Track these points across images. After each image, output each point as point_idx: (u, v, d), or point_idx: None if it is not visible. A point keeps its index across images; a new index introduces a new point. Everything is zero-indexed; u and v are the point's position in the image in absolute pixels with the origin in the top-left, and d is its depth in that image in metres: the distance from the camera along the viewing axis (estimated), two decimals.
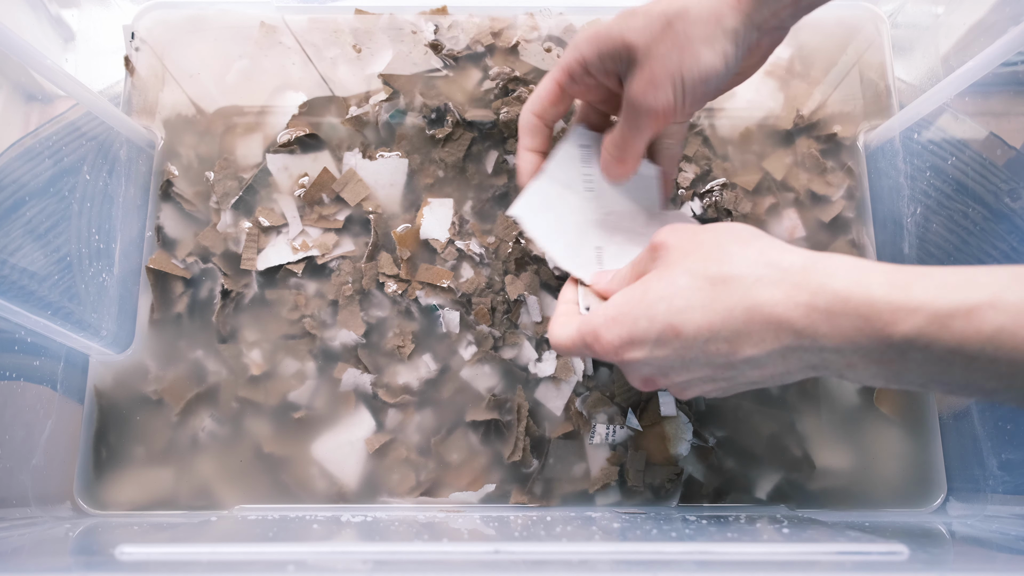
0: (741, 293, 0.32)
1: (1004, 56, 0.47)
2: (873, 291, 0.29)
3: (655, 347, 0.34)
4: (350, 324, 0.55)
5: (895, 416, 0.54)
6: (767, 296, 0.31)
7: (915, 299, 0.28)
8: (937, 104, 0.53)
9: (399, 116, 0.60)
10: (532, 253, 0.56)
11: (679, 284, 0.34)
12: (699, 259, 0.34)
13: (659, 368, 0.36)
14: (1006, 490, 0.49)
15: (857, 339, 0.29)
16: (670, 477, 0.52)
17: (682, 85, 0.39)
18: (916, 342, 0.28)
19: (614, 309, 0.36)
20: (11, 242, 0.48)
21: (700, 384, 0.37)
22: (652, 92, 0.39)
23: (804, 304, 0.30)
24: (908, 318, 0.28)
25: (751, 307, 0.31)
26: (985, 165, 0.52)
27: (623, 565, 0.36)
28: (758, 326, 0.31)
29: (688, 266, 0.34)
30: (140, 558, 0.35)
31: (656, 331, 0.34)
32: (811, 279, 0.31)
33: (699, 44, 0.38)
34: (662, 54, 0.38)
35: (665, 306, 0.34)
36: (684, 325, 0.33)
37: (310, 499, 0.52)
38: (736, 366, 0.33)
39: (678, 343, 0.33)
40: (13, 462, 0.47)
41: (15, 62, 0.48)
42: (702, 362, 0.34)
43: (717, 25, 0.38)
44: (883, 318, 0.29)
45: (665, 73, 0.39)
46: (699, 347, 0.33)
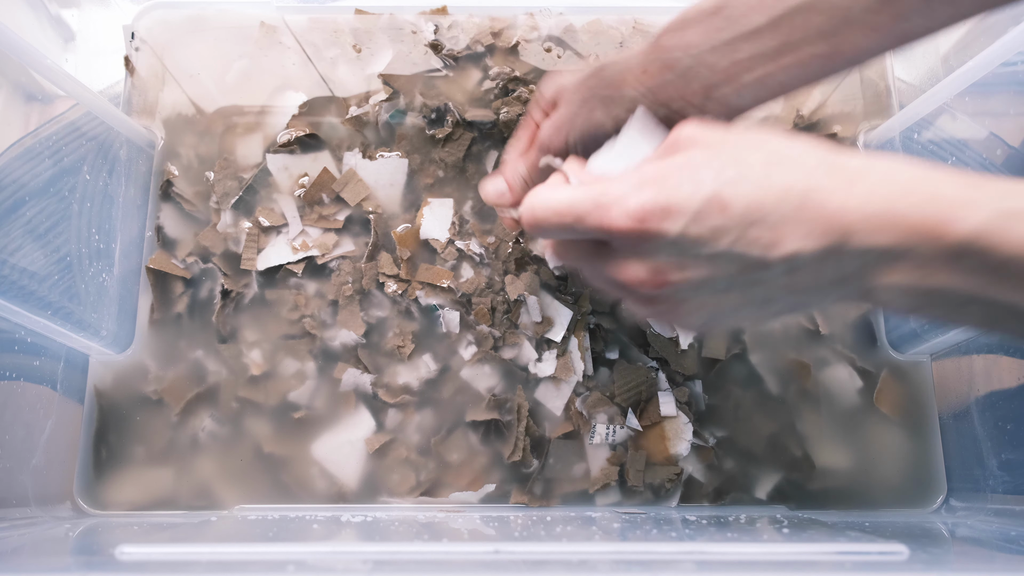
0: (800, 174, 0.28)
1: (1004, 56, 0.47)
2: (939, 185, 0.27)
3: (692, 221, 0.29)
4: (350, 324, 0.55)
5: (895, 416, 0.54)
6: (825, 183, 0.28)
7: (981, 197, 0.26)
8: (937, 104, 0.53)
9: (399, 116, 0.60)
10: (532, 253, 0.56)
11: (729, 155, 0.29)
12: (745, 142, 0.30)
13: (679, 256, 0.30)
14: (1006, 490, 0.49)
15: (909, 239, 0.27)
16: (670, 477, 0.52)
17: (572, 134, 0.41)
18: (975, 243, 0.26)
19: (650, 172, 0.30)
20: (11, 242, 0.48)
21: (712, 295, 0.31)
22: (551, 133, 0.42)
23: (862, 195, 0.28)
24: (972, 214, 0.26)
25: (808, 190, 0.28)
26: (985, 165, 0.52)
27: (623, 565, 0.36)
28: (810, 214, 0.28)
29: (735, 145, 0.30)
30: (140, 558, 0.35)
31: (700, 199, 0.28)
32: (873, 173, 0.28)
33: (596, 102, 0.40)
34: (570, 101, 0.41)
35: (713, 174, 0.29)
36: (734, 198, 0.28)
37: (310, 499, 0.52)
38: (769, 265, 0.29)
39: (720, 219, 0.29)
40: (13, 462, 0.47)
41: (15, 62, 0.48)
42: (734, 254, 0.29)
43: (616, 89, 0.39)
44: (945, 213, 0.26)
45: (563, 118, 0.41)
46: (741, 229, 0.29)
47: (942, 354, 0.55)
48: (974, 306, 0.28)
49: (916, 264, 0.27)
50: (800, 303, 0.31)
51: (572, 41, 0.62)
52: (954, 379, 0.54)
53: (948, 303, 0.28)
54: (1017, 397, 0.49)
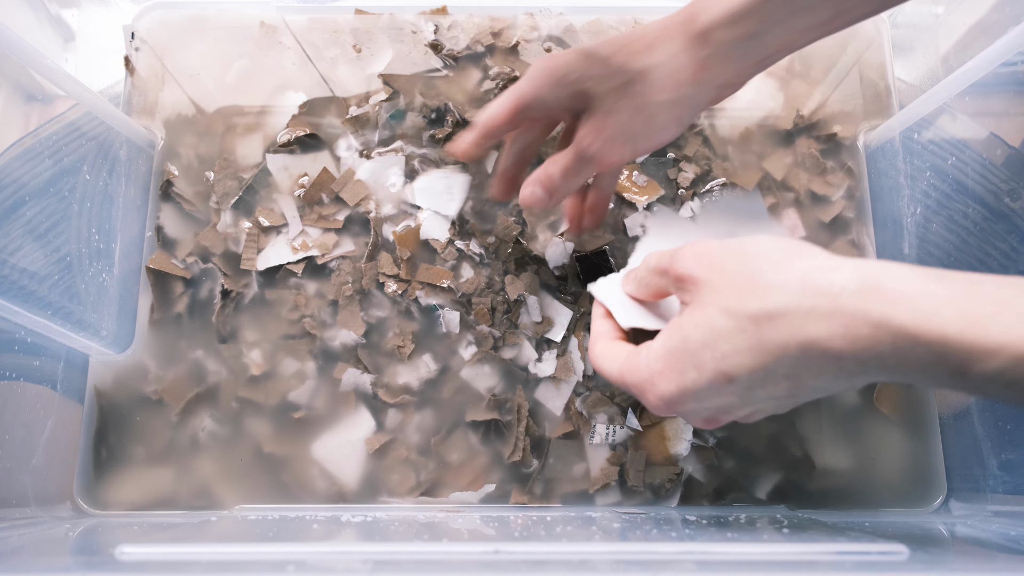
0: (791, 331, 0.29)
1: (1004, 56, 0.47)
2: (945, 329, 0.26)
3: (710, 396, 0.32)
4: (350, 324, 0.55)
5: (895, 416, 0.54)
6: (822, 331, 0.28)
7: (994, 339, 0.26)
8: (937, 104, 0.53)
9: (399, 116, 0.60)
10: (532, 253, 0.56)
11: (719, 327, 0.31)
12: (733, 295, 0.31)
13: (720, 410, 0.34)
14: (1006, 490, 0.49)
15: (928, 370, 0.27)
16: (670, 477, 0.52)
17: (632, 140, 0.40)
18: (996, 380, 0.26)
19: (658, 362, 0.33)
20: (11, 242, 0.48)
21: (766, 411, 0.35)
22: (603, 142, 0.40)
23: (866, 338, 0.27)
24: (987, 360, 0.26)
25: (806, 344, 0.29)
26: (985, 165, 0.52)
27: (623, 565, 0.36)
28: (816, 360, 0.29)
29: (724, 304, 0.31)
30: (140, 558, 0.35)
31: (706, 381, 0.31)
32: (870, 309, 0.27)
33: (656, 108, 0.39)
34: (618, 109, 0.40)
35: (710, 354, 0.31)
36: (735, 370, 0.31)
37: (310, 499, 0.52)
38: (800, 394, 0.31)
39: (734, 387, 0.31)
40: (13, 462, 0.47)
41: (15, 62, 0.48)
42: (763, 397, 0.32)
43: (676, 91, 0.39)
44: (959, 358, 0.26)
45: (618, 129, 0.40)
46: (757, 388, 0.31)
47: None
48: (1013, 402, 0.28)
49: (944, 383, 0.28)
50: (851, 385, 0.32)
51: (572, 41, 0.62)
52: None
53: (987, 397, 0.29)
54: None
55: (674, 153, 0.59)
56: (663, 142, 0.41)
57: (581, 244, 0.56)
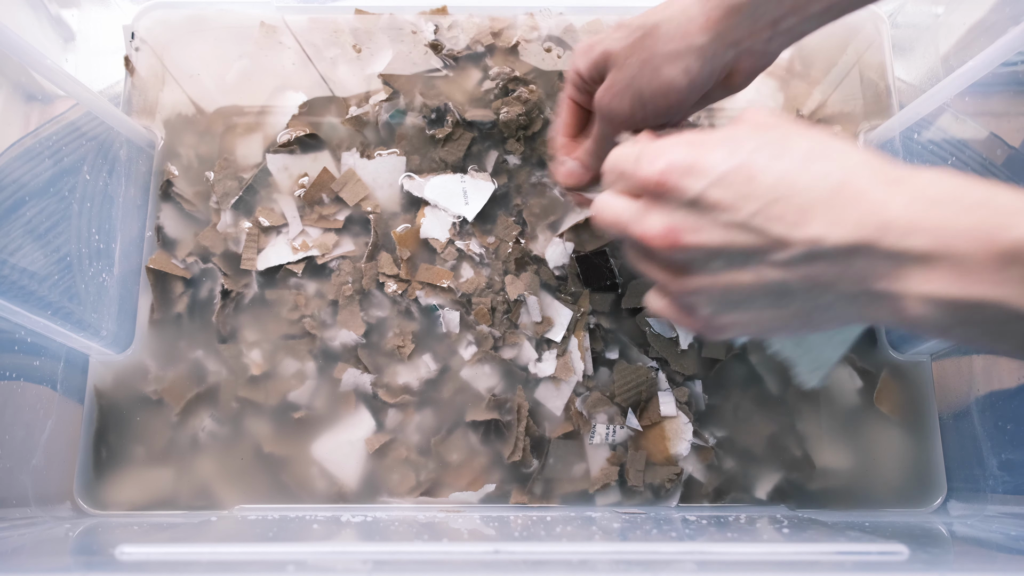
0: (840, 165, 0.28)
1: (1004, 56, 0.47)
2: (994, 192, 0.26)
3: (713, 184, 0.29)
4: (350, 324, 0.55)
5: (895, 416, 0.54)
6: (866, 178, 0.27)
7: None
8: (937, 104, 0.53)
9: (399, 116, 0.60)
10: (532, 253, 0.56)
11: (773, 136, 0.30)
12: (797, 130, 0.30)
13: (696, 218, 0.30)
14: (1006, 490, 0.49)
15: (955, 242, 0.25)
16: (670, 477, 0.52)
17: (640, 96, 0.40)
18: None
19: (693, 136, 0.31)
20: (11, 242, 0.48)
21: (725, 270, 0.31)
22: (613, 98, 0.41)
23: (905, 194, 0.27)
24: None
25: (845, 181, 0.28)
26: (985, 165, 0.52)
27: (623, 565, 0.36)
28: (843, 202, 0.27)
29: (786, 130, 0.30)
30: (140, 558, 0.35)
31: (728, 165, 0.29)
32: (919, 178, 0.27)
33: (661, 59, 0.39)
34: (628, 64, 0.40)
35: (752, 148, 0.29)
36: (763, 170, 0.28)
37: (310, 499, 0.52)
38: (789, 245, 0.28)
39: (745, 188, 0.29)
40: (13, 462, 0.47)
41: (15, 62, 0.48)
42: (754, 226, 0.29)
43: (683, 41, 0.39)
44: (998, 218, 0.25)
45: (626, 82, 0.40)
46: (764, 202, 0.28)
47: (942, 354, 0.55)
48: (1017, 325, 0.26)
49: (957, 271, 0.26)
50: (820, 307, 0.30)
51: (572, 41, 0.62)
52: (954, 379, 0.54)
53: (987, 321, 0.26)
54: (1017, 397, 0.49)
55: None
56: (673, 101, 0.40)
57: (581, 244, 0.56)
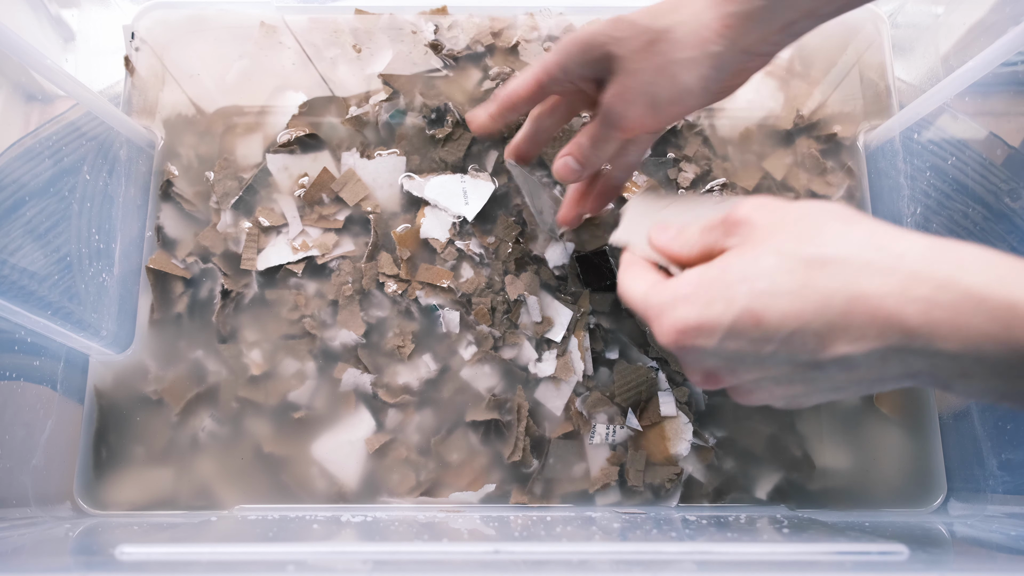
0: (843, 280, 0.27)
1: (1004, 56, 0.47)
2: (1017, 291, 0.25)
3: (727, 337, 0.29)
4: (350, 324, 0.55)
5: (895, 416, 0.54)
6: (876, 285, 0.26)
7: None
8: (937, 104, 0.53)
9: (399, 116, 0.60)
10: (532, 253, 0.56)
11: (765, 264, 0.29)
12: (791, 238, 0.29)
13: (727, 362, 0.31)
14: (1006, 490, 0.49)
15: (985, 346, 0.25)
16: (670, 477, 0.52)
17: (655, 103, 0.39)
18: None
19: (686, 287, 0.31)
20: (11, 242, 0.48)
21: (771, 387, 0.32)
22: (625, 104, 0.40)
23: (924, 299, 0.26)
24: None
25: (854, 297, 0.27)
26: (985, 165, 0.52)
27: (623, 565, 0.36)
28: (859, 320, 0.27)
29: (777, 245, 0.29)
30: (140, 558, 0.35)
31: (732, 316, 0.29)
32: (936, 270, 0.26)
33: (678, 66, 0.38)
34: (641, 70, 0.39)
35: (747, 288, 0.29)
36: (766, 312, 0.28)
37: (310, 499, 0.52)
38: (822, 366, 0.29)
39: (756, 333, 0.29)
40: (13, 462, 0.47)
41: (15, 62, 0.48)
42: (781, 359, 0.29)
43: (700, 49, 0.38)
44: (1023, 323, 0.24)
45: (640, 89, 0.39)
46: (781, 339, 0.28)
47: None
48: None
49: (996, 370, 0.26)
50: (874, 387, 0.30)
51: None
52: None
53: None
54: None
55: (674, 153, 0.59)
56: (687, 107, 0.40)
57: (581, 244, 0.56)
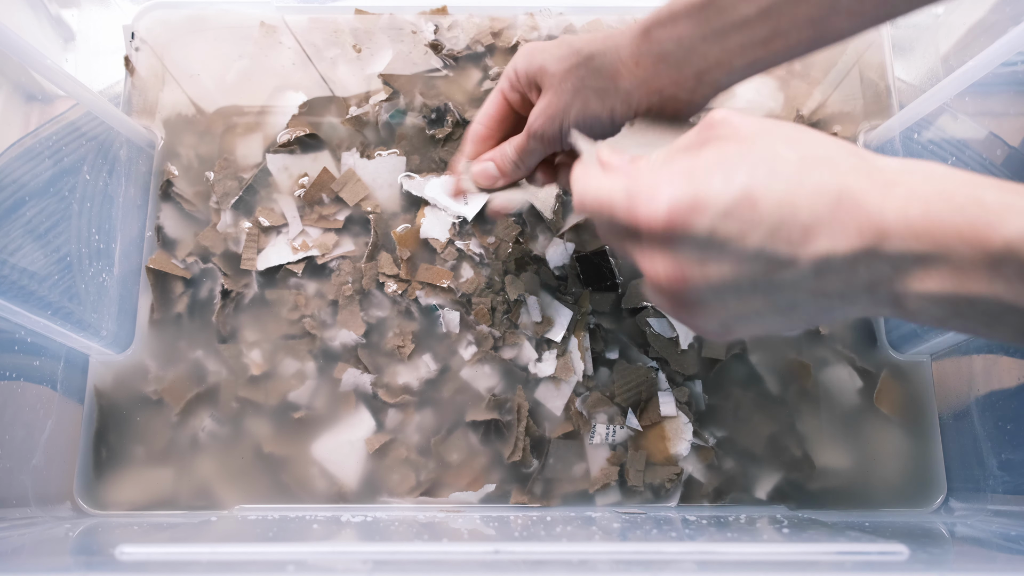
0: (833, 175, 0.28)
1: (1004, 56, 0.47)
2: (982, 190, 0.26)
3: (720, 217, 0.28)
4: (350, 324, 0.55)
5: (895, 416, 0.54)
6: (861, 185, 0.27)
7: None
8: (937, 104, 0.53)
9: (399, 116, 0.60)
10: (532, 253, 0.56)
11: (762, 152, 0.29)
12: (781, 136, 0.30)
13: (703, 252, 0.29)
14: (1006, 490, 0.49)
15: (948, 244, 0.26)
16: (670, 477, 0.52)
17: (569, 123, 0.41)
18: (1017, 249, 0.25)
19: (680, 164, 0.30)
20: (11, 242, 0.48)
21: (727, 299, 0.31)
22: (543, 121, 0.42)
23: (901, 196, 0.27)
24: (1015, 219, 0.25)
25: (842, 191, 0.27)
26: (985, 165, 0.52)
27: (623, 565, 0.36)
28: (844, 215, 0.27)
29: (770, 140, 0.29)
30: (140, 558, 0.35)
31: (730, 195, 0.28)
32: (911, 177, 0.28)
33: (591, 93, 0.41)
34: (561, 90, 0.41)
35: (747, 169, 0.28)
36: (764, 195, 0.28)
37: (310, 499, 0.52)
38: (798, 265, 0.28)
39: (749, 217, 0.28)
40: (13, 462, 0.47)
41: (15, 62, 0.48)
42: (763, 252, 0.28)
43: (611, 81, 0.40)
44: (987, 218, 0.26)
45: (557, 108, 0.41)
46: (770, 227, 0.28)
47: (942, 354, 0.55)
48: (1011, 316, 0.27)
49: (953, 271, 0.27)
50: (826, 310, 0.30)
51: None
52: (954, 379, 0.54)
53: (983, 314, 0.27)
54: (1017, 397, 0.49)
55: None
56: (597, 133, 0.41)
57: (581, 244, 0.56)
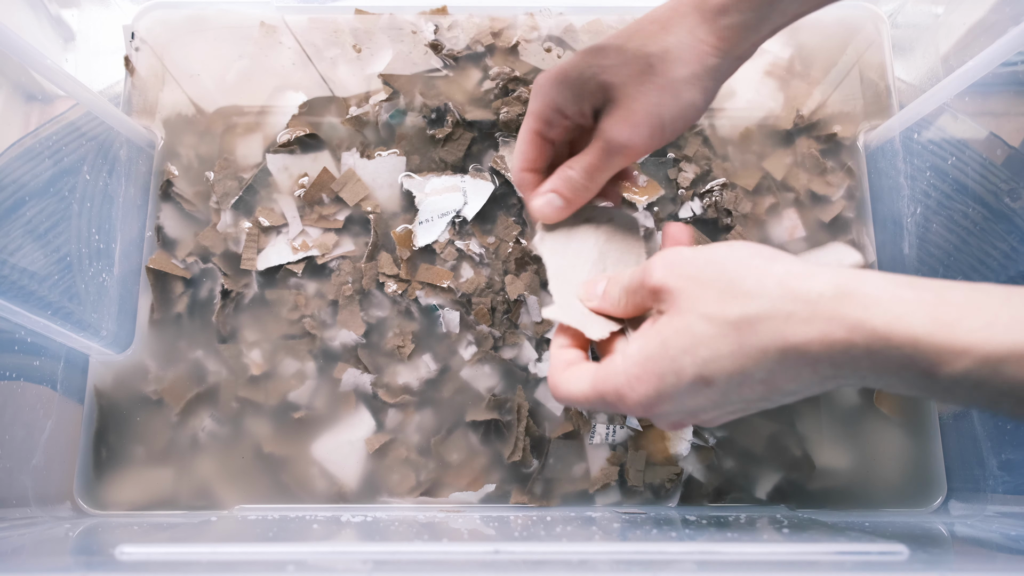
0: (771, 334, 0.30)
1: (1004, 56, 0.47)
2: (916, 330, 0.27)
3: (686, 398, 0.33)
4: (350, 324, 0.55)
5: (895, 416, 0.54)
6: (801, 335, 0.29)
7: (962, 340, 0.27)
8: (937, 104, 0.53)
9: (399, 116, 0.60)
10: (532, 253, 0.56)
11: (699, 333, 0.31)
12: (712, 300, 0.32)
13: (691, 413, 0.34)
14: (1006, 490, 0.49)
15: (900, 372, 0.28)
16: (670, 477, 0.52)
17: (662, 124, 0.39)
18: (964, 382, 0.27)
19: (635, 367, 0.34)
20: (11, 242, 0.48)
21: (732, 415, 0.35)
22: (631, 131, 0.40)
23: (841, 341, 0.28)
24: (955, 361, 0.27)
25: (784, 348, 0.29)
26: (985, 165, 0.52)
27: (623, 565, 0.36)
28: (793, 363, 0.30)
29: (703, 311, 0.32)
30: (140, 558, 0.35)
31: (686, 384, 0.32)
32: (846, 313, 0.28)
33: (681, 84, 0.39)
34: (643, 92, 0.39)
35: (690, 359, 0.32)
36: (715, 375, 0.31)
37: (310, 499, 0.52)
38: (773, 397, 0.32)
39: (710, 391, 0.32)
40: (13, 462, 0.47)
41: (15, 62, 0.48)
42: (735, 401, 0.33)
43: (699, 64, 0.39)
44: (928, 359, 0.27)
45: (646, 113, 0.39)
46: (733, 391, 0.32)
47: None
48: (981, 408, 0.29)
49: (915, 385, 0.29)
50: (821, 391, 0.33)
51: (572, 41, 0.62)
52: None
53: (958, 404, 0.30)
54: None
55: (674, 153, 0.59)
56: (690, 121, 0.41)
57: None
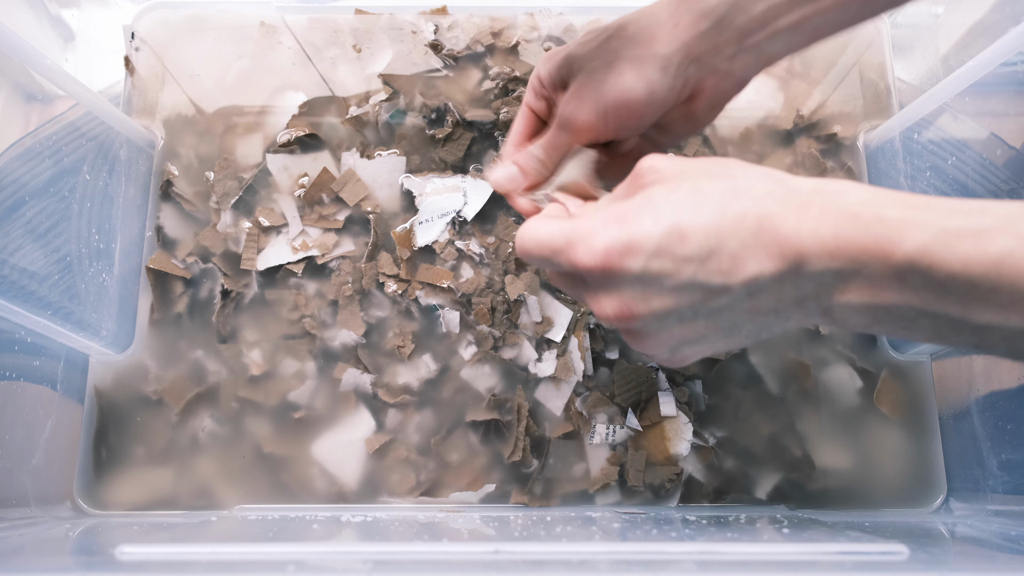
0: (752, 202, 0.30)
1: (1004, 56, 0.47)
2: (884, 208, 0.28)
3: (653, 256, 0.31)
4: (350, 324, 0.55)
5: (895, 416, 0.54)
6: (777, 209, 0.30)
7: (924, 217, 0.28)
8: (937, 104, 0.53)
9: (399, 116, 0.60)
10: None
11: (686, 190, 0.31)
12: (702, 175, 0.32)
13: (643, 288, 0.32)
14: (1006, 490, 0.49)
15: (858, 261, 0.28)
16: (670, 477, 0.52)
17: (601, 101, 0.38)
18: (919, 262, 0.27)
19: (613, 212, 0.32)
20: (11, 242, 0.48)
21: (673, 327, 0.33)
22: (575, 105, 0.39)
23: (813, 218, 0.29)
24: (915, 233, 0.27)
25: (762, 217, 0.30)
26: (985, 165, 0.52)
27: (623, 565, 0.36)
28: (765, 240, 0.30)
29: (694, 178, 0.32)
30: (140, 558, 0.35)
31: (659, 234, 0.30)
32: (822, 198, 0.29)
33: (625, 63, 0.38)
34: (594, 68, 0.38)
35: (672, 208, 0.31)
36: (692, 228, 0.30)
37: (310, 499, 0.52)
38: (731, 291, 0.31)
39: (680, 251, 0.30)
40: (13, 462, 0.47)
41: (15, 62, 0.48)
42: (697, 283, 0.31)
43: (646, 47, 0.37)
44: (890, 233, 0.28)
45: (589, 89, 0.39)
46: (700, 259, 0.30)
47: (942, 354, 0.55)
48: (924, 320, 0.29)
49: (867, 283, 0.29)
50: (765, 326, 0.33)
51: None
52: (954, 379, 0.54)
53: (899, 319, 0.30)
54: (1017, 397, 0.49)
55: (674, 153, 0.59)
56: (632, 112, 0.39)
57: None
